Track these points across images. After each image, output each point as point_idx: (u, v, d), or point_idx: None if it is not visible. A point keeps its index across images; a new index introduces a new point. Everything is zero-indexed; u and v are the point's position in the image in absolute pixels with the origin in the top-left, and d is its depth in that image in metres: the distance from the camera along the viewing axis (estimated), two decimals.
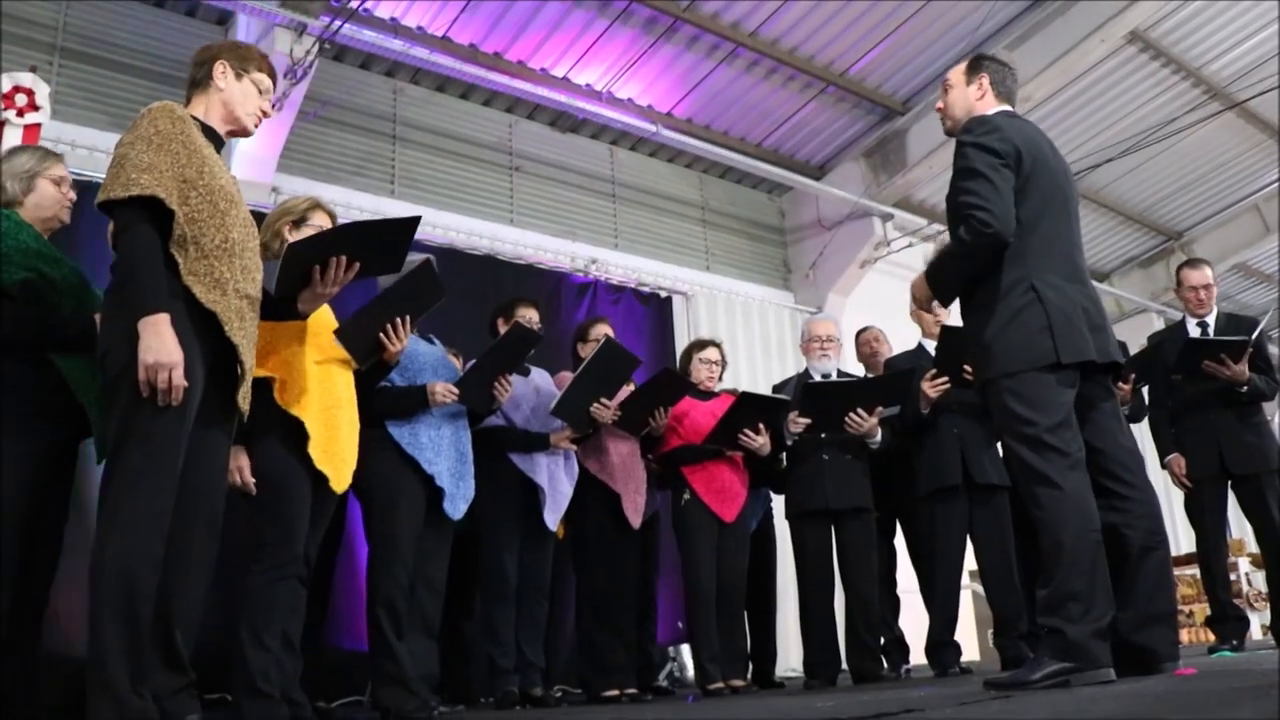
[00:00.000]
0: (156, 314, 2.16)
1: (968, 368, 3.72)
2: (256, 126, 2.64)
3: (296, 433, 2.84)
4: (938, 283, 3.00)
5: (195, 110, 2.52)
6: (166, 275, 2.24)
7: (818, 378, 4.76)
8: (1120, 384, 4.44)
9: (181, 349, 2.17)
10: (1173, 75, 8.33)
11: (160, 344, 2.13)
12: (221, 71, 2.54)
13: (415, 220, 2.77)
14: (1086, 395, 2.78)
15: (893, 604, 5.06)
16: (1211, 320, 4.81)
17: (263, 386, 2.78)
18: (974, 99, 3.03)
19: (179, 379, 2.14)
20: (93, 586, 2.09)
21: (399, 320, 3.22)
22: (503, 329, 4.21)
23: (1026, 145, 2.83)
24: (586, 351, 4.49)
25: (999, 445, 3.66)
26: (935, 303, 3.16)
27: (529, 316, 4.25)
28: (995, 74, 3.04)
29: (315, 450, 2.85)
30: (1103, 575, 2.56)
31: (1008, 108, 3.02)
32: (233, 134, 2.61)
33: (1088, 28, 7.19)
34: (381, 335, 3.19)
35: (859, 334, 5.62)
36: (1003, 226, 2.71)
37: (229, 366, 2.37)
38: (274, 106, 5.27)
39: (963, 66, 3.11)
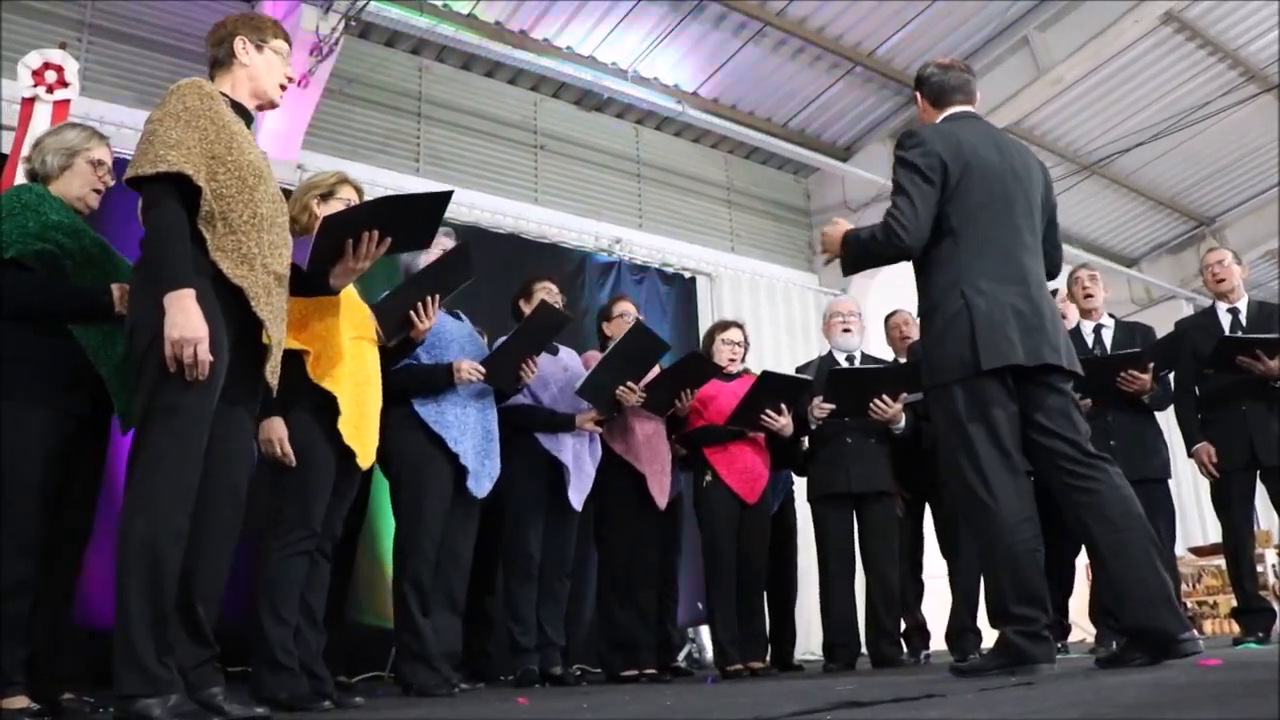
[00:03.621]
0: (182, 289, 2.17)
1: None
2: (283, 95, 2.65)
3: (326, 407, 2.86)
4: (850, 252, 3.08)
5: (222, 87, 2.52)
6: (194, 251, 2.25)
7: (841, 356, 4.76)
8: (1137, 373, 4.40)
9: (207, 324, 2.18)
10: (1209, 57, 8.17)
11: (185, 319, 2.14)
12: (243, 47, 2.54)
13: (447, 195, 2.78)
14: (1031, 397, 2.84)
15: (917, 589, 5.05)
16: (1243, 306, 4.74)
17: (295, 359, 2.80)
18: (924, 120, 3.16)
19: (204, 354, 2.16)
20: (119, 560, 2.12)
21: (429, 298, 3.27)
22: (525, 310, 4.22)
23: (955, 153, 2.91)
24: (612, 330, 4.50)
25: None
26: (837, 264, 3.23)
27: (549, 289, 4.26)
28: (927, 83, 3.17)
29: (346, 426, 2.87)
30: (1035, 581, 2.73)
31: (957, 109, 3.10)
32: (261, 107, 2.61)
33: (1121, 8, 7.07)
34: (411, 313, 3.24)
35: (889, 317, 5.58)
36: (911, 241, 2.87)
37: (255, 342, 2.39)
38: (299, 83, 5.29)
39: None
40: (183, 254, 2.22)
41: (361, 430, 2.94)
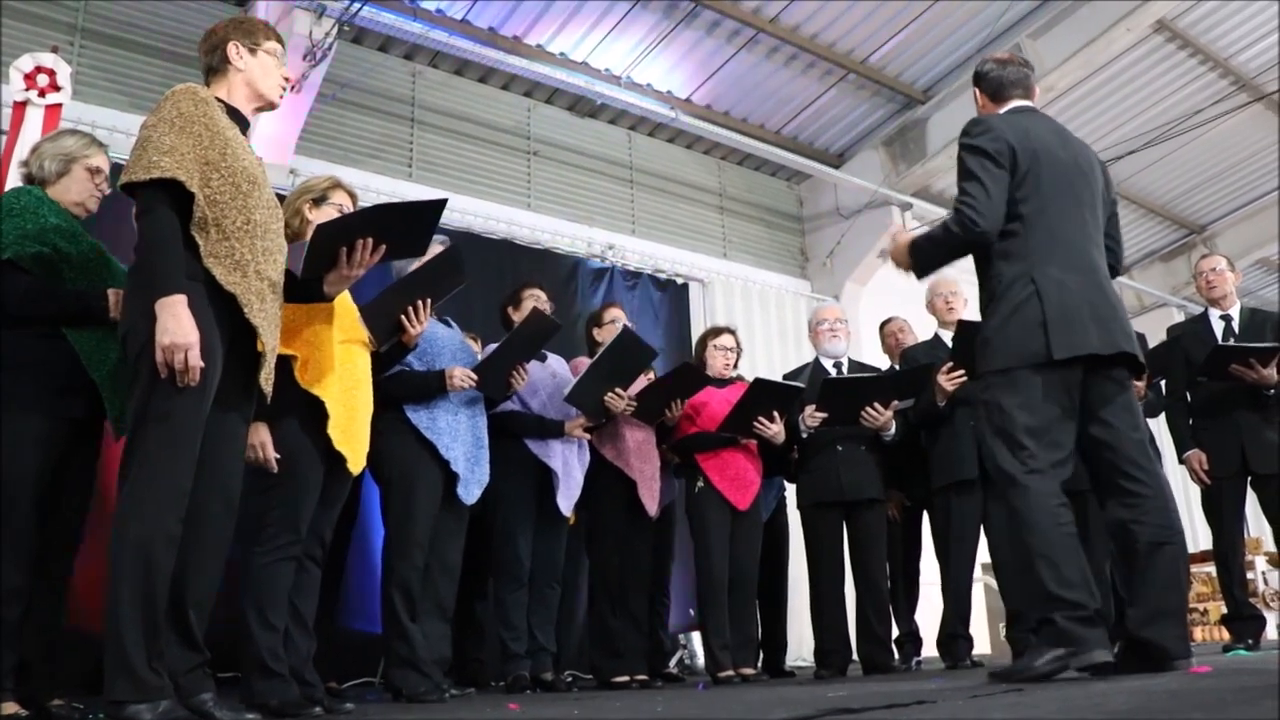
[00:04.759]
0: (173, 295, 2.17)
1: None
2: (283, 96, 2.65)
3: (315, 412, 2.84)
4: (919, 257, 3.04)
5: (218, 94, 2.52)
6: (187, 257, 2.25)
7: (828, 362, 4.76)
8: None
9: (200, 330, 2.18)
10: (1200, 66, 8.22)
11: (176, 325, 2.14)
12: (236, 53, 2.54)
13: (442, 203, 2.74)
14: (1096, 389, 2.78)
15: (911, 597, 5.05)
16: (1235, 313, 4.76)
17: (283, 364, 2.79)
18: (981, 112, 3.12)
19: (194, 359, 2.15)
20: (111, 565, 2.11)
21: (420, 303, 3.25)
22: (514, 317, 4.21)
23: (1023, 141, 2.87)
24: (601, 336, 4.50)
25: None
26: (910, 274, 3.17)
27: (538, 296, 4.26)
28: (985, 79, 3.14)
29: (335, 431, 2.85)
30: (1076, 566, 2.62)
31: (1017, 103, 3.06)
32: (260, 109, 2.61)
33: (1113, 16, 7.09)
34: (403, 317, 3.22)
35: (884, 325, 5.60)
36: (988, 225, 2.80)
37: (249, 348, 2.38)
38: (293, 88, 5.28)
39: None
40: (175, 260, 2.22)
41: (351, 435, 2.91)
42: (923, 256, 3.04)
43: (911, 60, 7.82)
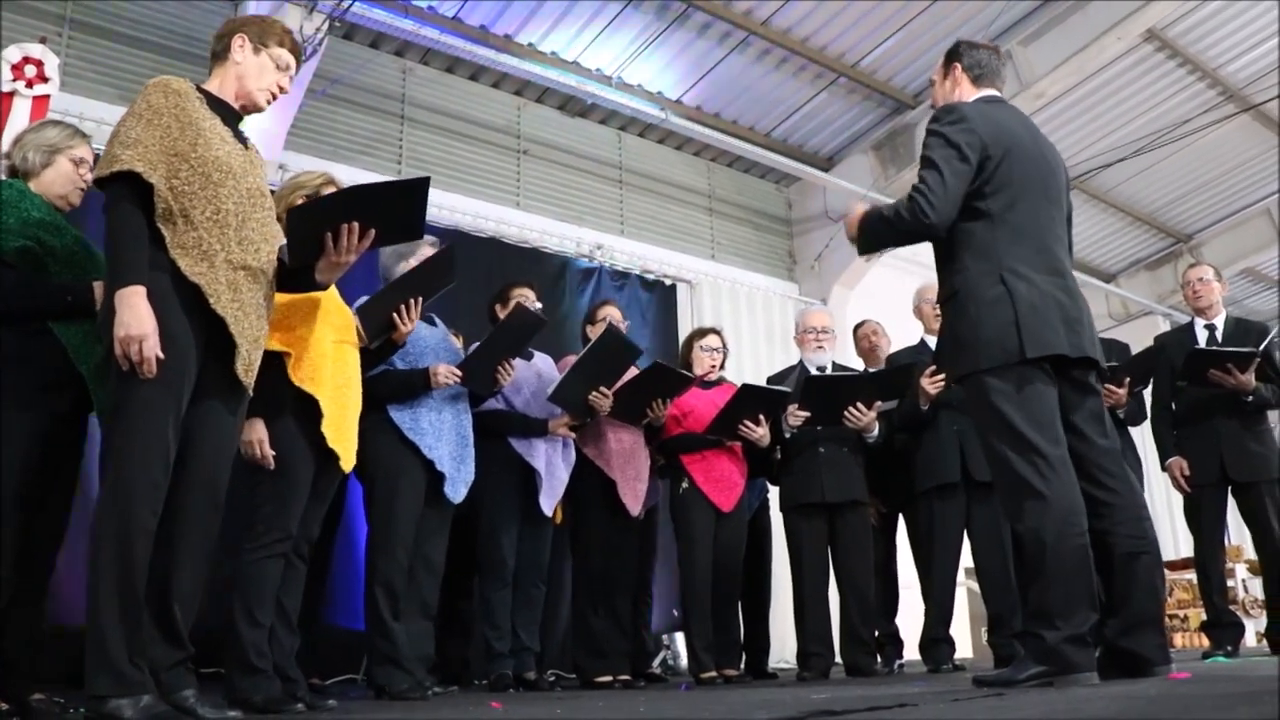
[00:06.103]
0: (130, 286, 2.17)
1: None
2: (269, 103, 2.64)
3: (307, 410, 2.84)
4: (867, 233, 2.95)
5: (212, 84, 2.54)
6: (152, 249, 2.25)
7: (813, 370, 4.76)
8: (1114, 387, 4.43)
9: (164, 320, 2.18)
10: (1189, 75, 8.26)
11: (132, 315, 2.15)
12: (240, 45, 2.55)
13: (424, 181, 2.66)
14: (1066, 396, 2.73)
15: (891, 600, 5.06)
16: (1220, 323, 4.79)
17: (276, 361, 2.78)
18: (950, 91, 3.02)
19: (149, 350, 2.15)
20: (90, 559, 2.11)
21: (411, 301, 3.26)
22: (501, 315, 4.21)
23: (996, 134, 2.78)
24: (594, 333, 4.49)
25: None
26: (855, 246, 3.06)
27: (527, 296, 4.25)
28: (969, 59, 3.01)
29: (329, 429, 2.86)
30: (1084, 581, 2.55)
31: (990, 92, 2.98)
32: (244, 109, 2.60)
33: (1104, 25, 7.13)
34: (395, 315, 3.24)
35: (857, 327, 5.61)
36: (938, 219, 2.72)
37: (227, 340, 2.36)
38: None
39: (941, 59, 3.09)
40: (134, 252, 2.22)
41: (342, 433, 2.92)
42: (870, 234, 2.94)
43: (902, 65, 7.84)
